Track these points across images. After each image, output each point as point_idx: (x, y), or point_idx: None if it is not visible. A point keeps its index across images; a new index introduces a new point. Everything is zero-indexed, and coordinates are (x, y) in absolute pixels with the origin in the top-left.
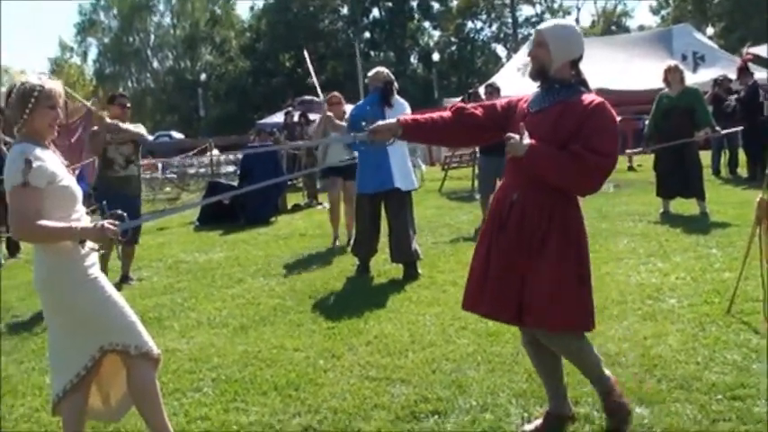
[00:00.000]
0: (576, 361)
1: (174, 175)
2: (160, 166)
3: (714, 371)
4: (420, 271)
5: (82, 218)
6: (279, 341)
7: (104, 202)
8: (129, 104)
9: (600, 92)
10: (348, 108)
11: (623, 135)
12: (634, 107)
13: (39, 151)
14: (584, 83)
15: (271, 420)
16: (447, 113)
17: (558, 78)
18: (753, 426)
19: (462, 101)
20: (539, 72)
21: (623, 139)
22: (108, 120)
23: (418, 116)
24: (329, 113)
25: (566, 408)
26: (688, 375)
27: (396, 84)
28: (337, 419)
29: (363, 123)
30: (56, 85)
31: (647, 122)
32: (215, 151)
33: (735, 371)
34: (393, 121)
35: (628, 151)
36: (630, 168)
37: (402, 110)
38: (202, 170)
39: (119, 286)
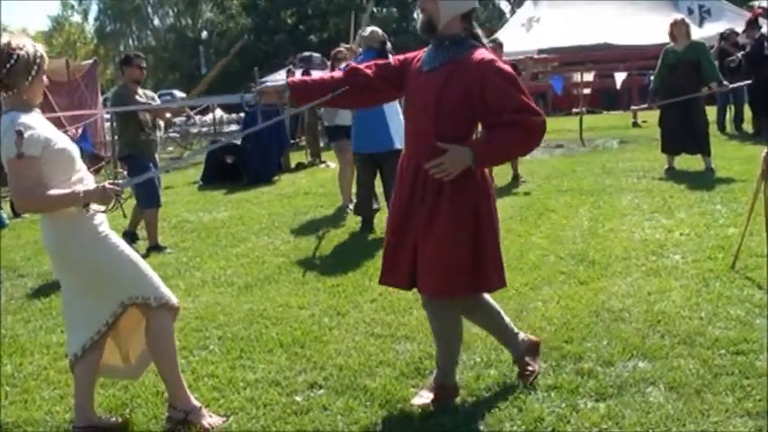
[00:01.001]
0: (448, 334)
1: (177, 134)
2: (162, 124)
3: (717, 326)
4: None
5: (84, 177)
6: (284, 299)
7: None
8: (145, 65)
9: (603, 47)
10: None
11: (629, 90)
12: (639, 62)
13: (28, 118)
14: (475, 37)
15: (277, 377)
16: (339, 74)
17: (449, 34)
18: (755, 380)
19: None
20: (426, 25)
21: (628, 93)
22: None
23: (308, 78)
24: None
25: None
26: (691, 330)
27: (389, 44)
28: (343, 376)
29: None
30: (42, 49)
31: (652, 78)
32: (218, 111)
33: (738, 326)
34: (282, 82)
35: (633, 107)
36: (635, 124)
37: None
38: (205, 129)
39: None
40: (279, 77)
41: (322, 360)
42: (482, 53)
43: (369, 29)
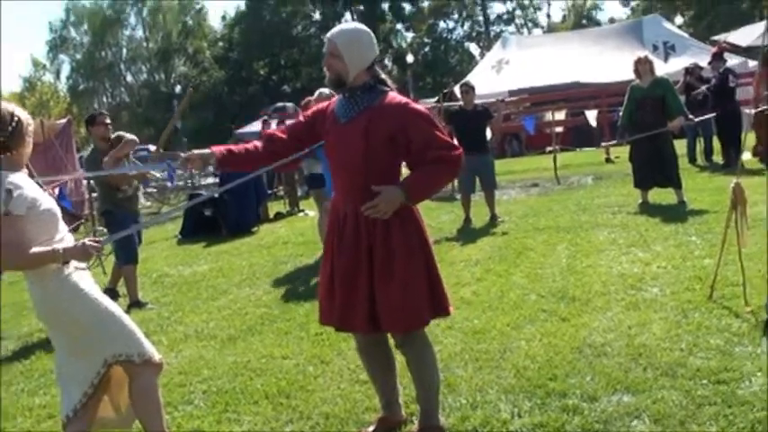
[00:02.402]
0: (425, 364)
1: (155, 189)
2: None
3: (698, 356)
4: None
5: (65, 237)
6: (267, 350)
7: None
8: (109, 121)
9: (574, 86)
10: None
11: (600, 127)
12: (609, 99)
13: (17, 178)
14: (383, 82)
15: (264, 429)
16: (259, 143)
17: (358, 85)
18: (737, 408)
19: (437, 101)
20: (336, 82)
21: (600, 131)
22: (125, 142)
23: (233, 147)
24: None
25: (399, 413)
26: (673, 362)
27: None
28: (329, 424)
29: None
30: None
31: (620, 114)
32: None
33: (718, 355)
34: (207, 151)
35: (603, 144)
36: (608, 160)
37: None
38: (181, 183)
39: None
40: (254, 128)
41: (308, 409)
42: (394, 97)
43: (317, 91)
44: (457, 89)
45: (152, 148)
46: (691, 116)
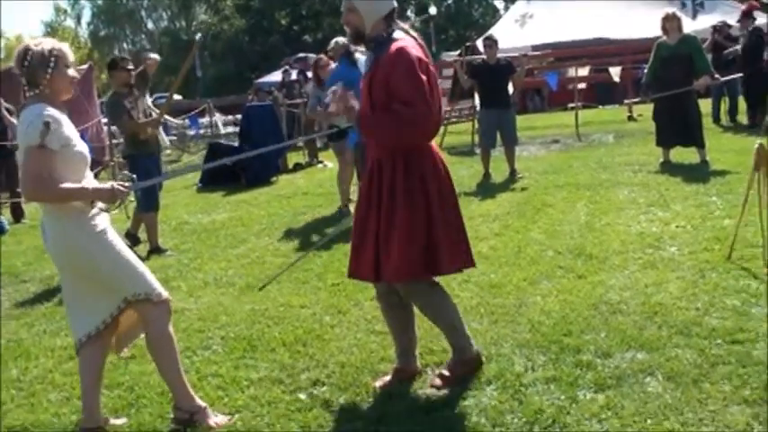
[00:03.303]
0: (434, 307)
1: (175, 137)
2: (160, 128)
3: (714, 316)
4: None
5: (90, 182)
6: (285, 299)
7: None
8: (132, 66)
9: (599, 42)
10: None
11: (623, 84)
12: (633, 56)
13: (56, 113)
14: (404, 31)
15: (280, 375)
16: None
17: (374, 37)
18: (752, 368)
19: (460, 55)
20: (355, 37)
21: (623, 88)
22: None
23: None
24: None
25: (414, 364)
26: (688, 321)
27: (351, 47)
28: (345, 373)
29: (337, 84)
30: (67, 47)
31: (645, 71)
32: (217, 115)
33: (734, 316)
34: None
35: (626, 101)
36: (630, 118)
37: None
38: (202, 131)
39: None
40: (275, 78)
41: (324, 358)
42: (396, 45)
43: (332, 42)
44: (480, 43)
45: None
46: (717, 75)
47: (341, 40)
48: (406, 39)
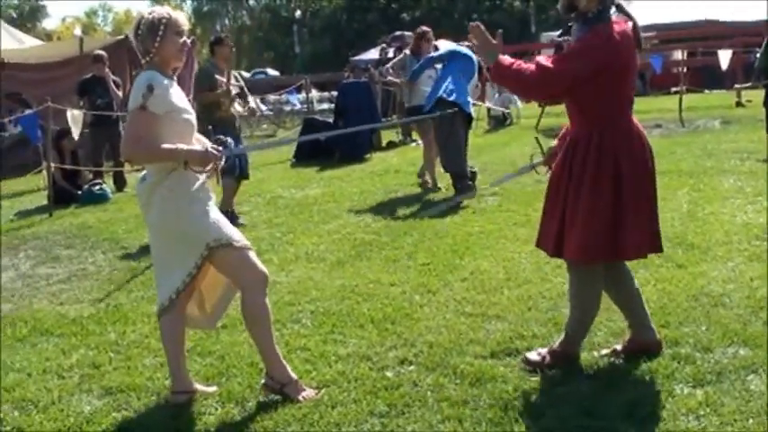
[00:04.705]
0: (578, 299)
1: (271, 112)
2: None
3: None
4: (474, 184)
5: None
6: (375, 276)
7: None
8: (233, 44)
9: (706, 23)
10: (440, 44)
11: (732, 69)
12: (744, 39)
13: (164, 80)
14: (619, 9)
15: (368, 352)
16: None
17: (584, 11)
18: None
19: (560, 35)
20: (567, 8)
21: (732, 73)
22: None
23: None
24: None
25: (652, 336)
26: None
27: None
28: (433, 353)
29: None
30: (181, 15)
31: (758, 56)
32: (313, 91)
33: None
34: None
35: (736, 86)
36: (739, 104)
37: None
38: (298, 107)
39: None
40: (371, 56)
41: (412, 337)
42: (600, 26)
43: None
44: None
45: (270, 71)
46: None
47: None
48: (615, 23)
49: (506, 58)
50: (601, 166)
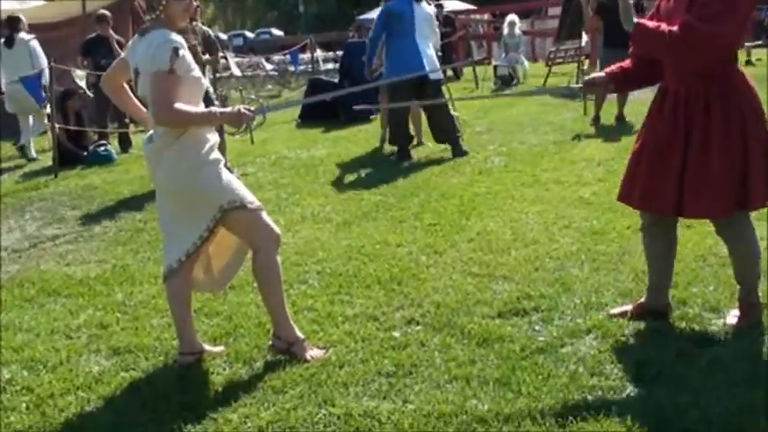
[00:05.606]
0: (741, 247)
1: (276, 73)
2: (263, 62)
3: None
4: (467, 149)
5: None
6: (382, 236)
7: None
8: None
9: None
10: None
11: None
12: None
13: (180, 38)
14: None
15: (375, 312)
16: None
17: None
18: None
19: None
20: None
21: None
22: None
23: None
24: None
25: (663, 300)
26: None
27: None
28: (440, 313)
29: None
30: None
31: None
32: (318, 51)
33: None
34: (603, 74)
35: (747, 44)
36: (748, 63)
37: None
38: (302, 67)
39: None
40: (376, 15)
41: (419, 297)
42: None
43: None
44: None
45: (274, 30)
46: None
47: None
48: None
49: (647, 21)
50: (727, 115)
